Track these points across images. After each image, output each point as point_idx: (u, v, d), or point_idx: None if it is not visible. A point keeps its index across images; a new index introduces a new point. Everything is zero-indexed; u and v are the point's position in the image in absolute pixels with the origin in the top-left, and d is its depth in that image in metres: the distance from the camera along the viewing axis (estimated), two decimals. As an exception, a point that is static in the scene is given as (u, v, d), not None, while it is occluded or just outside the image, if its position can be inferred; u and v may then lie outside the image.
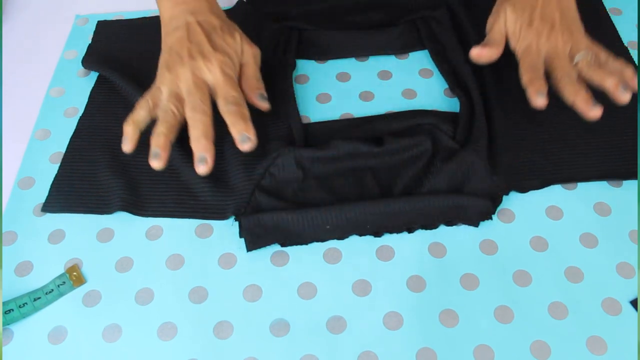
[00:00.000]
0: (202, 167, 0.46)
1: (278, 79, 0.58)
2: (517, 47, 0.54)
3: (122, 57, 0.61)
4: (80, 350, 0.43)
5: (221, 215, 0.49)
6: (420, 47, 0.62)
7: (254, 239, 0.47)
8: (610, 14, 0.64)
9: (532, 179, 0.50)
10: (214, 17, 0.54)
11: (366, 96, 0.58)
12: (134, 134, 0.49)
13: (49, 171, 0.53)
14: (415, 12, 0.63)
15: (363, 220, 0.47)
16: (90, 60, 0.61)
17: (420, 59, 0.61)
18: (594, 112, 0.48)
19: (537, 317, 0.44)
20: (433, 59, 0.60)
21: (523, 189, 0.50)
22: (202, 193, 0.50)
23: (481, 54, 0.54)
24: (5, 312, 0.43)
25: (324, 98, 0.58)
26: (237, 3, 0.66)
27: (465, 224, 0.48)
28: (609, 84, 0.49)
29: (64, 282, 0.45)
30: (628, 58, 0.59)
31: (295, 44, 0.61)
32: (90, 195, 0.51)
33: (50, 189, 0.51)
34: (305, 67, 0.61)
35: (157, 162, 0.47)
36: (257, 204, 0.49)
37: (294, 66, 0.60)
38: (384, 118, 0.55)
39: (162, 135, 0.47)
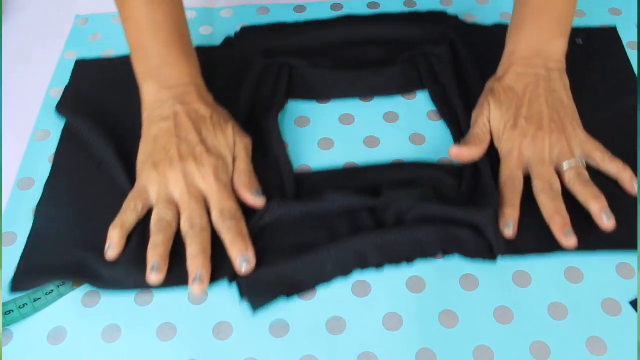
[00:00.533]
0: (197, 286, 0.43)
1: (265, 122, 0.54)
2: (500, 148, 0.50)
3: (99, 104, 0.57)
4: (79, 350, 0.43)
5: (213, 278, 0.45)
6: (421, 86, 0.57)
7: (257, 298, 0.44)
8: (610, 14, 0.64)
9: (530, 239, 0.47)
10: (203, 105, 0.50)
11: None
12: (120, 239, 0.45)
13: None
14: (416, 48, 0.58)
15: (363, 254, 0.46)
16: (64, 106, 0.56)
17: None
18: (567, 241, 0.45)
19: (537, 318, 0.44)
20: (434, 102, 0.56)
21: (519, 251, 0.46)
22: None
23: (461, 154, 0.49)
24: (5, 313, 0.43)
25: (321, 104, 0.58)
26: (225, 40, 0.62)
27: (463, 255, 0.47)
28: (593, 208, 0.46)
29: (64, 283, 0.45)
30: (629, 69, 0.58)
31: (286, 83, 0.57)
32: (61, 272, 0.45)
33: (18, 266, 0.46)
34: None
35: (157, 276, 0.43)
36: None
37: (282, 107, 0.56)
38: (383, 169, 0.52)
39: (161, 245, 0.44)
